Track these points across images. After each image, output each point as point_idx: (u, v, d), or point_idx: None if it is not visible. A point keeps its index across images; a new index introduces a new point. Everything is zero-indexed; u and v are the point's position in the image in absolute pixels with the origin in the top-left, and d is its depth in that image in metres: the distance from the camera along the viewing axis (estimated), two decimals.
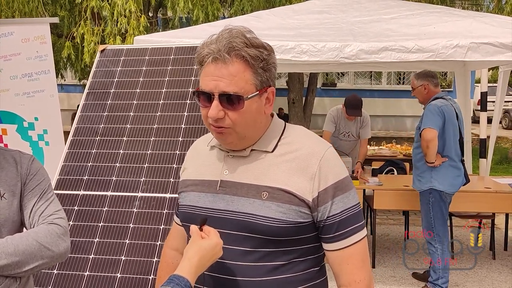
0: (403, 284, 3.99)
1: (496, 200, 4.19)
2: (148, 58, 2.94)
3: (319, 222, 1.18)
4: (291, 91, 10.07)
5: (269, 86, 1.18)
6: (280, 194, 1.15)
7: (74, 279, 2.20)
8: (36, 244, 1.28)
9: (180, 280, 1.03)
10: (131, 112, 2.72)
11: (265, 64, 1.15)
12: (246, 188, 1.18)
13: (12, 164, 1.42)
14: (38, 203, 1.40)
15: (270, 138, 1.22)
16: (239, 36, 1.12)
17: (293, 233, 1.16)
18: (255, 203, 1.15)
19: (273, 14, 4.74)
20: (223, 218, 1.19)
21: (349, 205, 1.18)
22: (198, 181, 1.27)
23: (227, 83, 1.10)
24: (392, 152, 6.35)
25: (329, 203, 1.15)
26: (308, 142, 1.21)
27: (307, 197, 1.14)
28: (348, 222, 1.17)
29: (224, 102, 1.12)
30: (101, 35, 6.41)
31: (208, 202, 1.22)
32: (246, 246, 1.16)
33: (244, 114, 1.13)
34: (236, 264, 1.17)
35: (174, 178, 2.45)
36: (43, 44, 3.59)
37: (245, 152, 1.21)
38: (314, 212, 1.16)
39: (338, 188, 1.16)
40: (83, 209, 2.41)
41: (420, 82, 3.70)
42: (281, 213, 1.14)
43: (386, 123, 13.73)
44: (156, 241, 2.27)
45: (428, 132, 3.48)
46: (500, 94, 5.72)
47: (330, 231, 1.17)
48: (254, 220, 1.14)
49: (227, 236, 1.17)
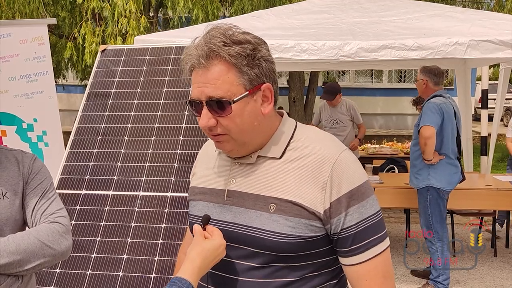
0: (404, 282, 4.00)
1: (497, 198, 4.19)
2: (148, 58, 2.95)
3: (333, 235, 1.07)
4: (292, 90, 10.08)
5: (263, 83, 1.07)
6: (288, 207, 1.05)
7: (77, 278, 2.22)
8: (37, 242, 1.29)
9: (182, 283, 1.01)
10: (132, 112, 2.73)
11: (251, 60, 1.04)
12: (253, 198, 1.10)
13: (14, 163, 1.43)
14: (40, 202, 1.41)
15: (278, 143, 1.12)
16: (217, 36, 1.03)
17: (303, 248, 1.06)
18: (262, 216, 1.07)
19: (273, 13, 4.74)
20: (231, 231, 1.12)
21: (366, 215, 1.06)
22: (206, 189, 1.20)
23: (212, 88, 1.03)
24: (393, 150, 6.35)
25: (343, 214, 1.05)
26: (319, 146, 1.10)
27: (318, 209, 1.04)
28: (366, 234, 1.06)
29: (213, 109, 1.05)
30: (102, 36, 6.43)
31: (215, 213, 1.15)
32: (254, 262, 1.09)
33: (235, 118, 1.04)
34: (244, 280, 1.10)
35: (175, 177, 2.46)
36: (41, 45, 3.60)
37: (251, 159, 1.12)
38: (327, 224, 1.06)
39: (353, 197, 1.05)
40: (85, 208, 2.42)
41: (422, 76, 3.73)
42: (290, 227, 1.04)
43: (387, 121, 13.72)
44: (158, 240, 2.28)
45: (427, 130, 3.49)
46: (501, 92, 5.72)
47: (346, 245, 1.06)
48: (262, 235, 1.06)
49: (233, 250, 1.11)
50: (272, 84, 1.09)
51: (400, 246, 4.86)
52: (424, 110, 3.59)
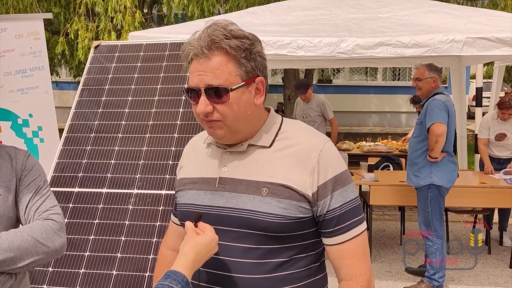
0: (399, 279, 4.00)
1: (491, 195, 4.20)
2: (142, 54, 2.92)
3: (319, 217, 1.17)
4: (286, 88, 10.08)
5: (257, 76, 1.16)
6: (280, 190, 1.14)
7: (70, 277, 2.19)
8: (31, 239, 1.27)
9: (177, 276, 1.02)
10: (126, 109, 2.70)
11: (248, 54, 1.13)
12: (246, 184, 1.16)
13: (7, 160, 1.40)
14: (33, 198, 1.38)
15: (267, 133, 1.20)
16: (219, 29, 1.11)
17: (293, 228, 1.15)
18: (255, 199, 1.14)
19: (269, 10, 4.72)
20: (222, 215, 1.17)
21: (348, 198, 1.17)
22: (196, 179, 1.25)
23: (211, 76, 1.10)
24: (388, 148, 6.35)
25: (329, 197, 1.15)
26: (306, 136, 1.20)
27: (307, 191, 1.14)
28: (348, 216, 1.16)
29: (210, 96, 1.11)
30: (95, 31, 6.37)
31: (207, 199, 1.20)
32: (247, 243, 1.15)
33: (232, 106, 1.12)
34: (237, 261, 1.16)
35: (170, 175, 2.43)
36: (37, 40, 3.56)
37: (242, 147, 1.20)
38: (314, 206, 1.15)
39: (338, 182, 1.15)
40: (78, 206, 2.39)
41: (432, 74, 3.65)
42: (282, 208, 1.13)
43: (382, 119, 13.75)
44: (152, 238, 2.26)
45: (438, 127, 3.44)
46: (495, 90, 5.74)
47: (330, 226, 1.17)
48: (254, 216, 1.13)
49: (227, 233, 1.16)
50: (264, 78, 1.19)
51: (395, 244, 4.87)
52: (431, 107, 3.52)
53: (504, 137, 4.66)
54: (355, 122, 13.34)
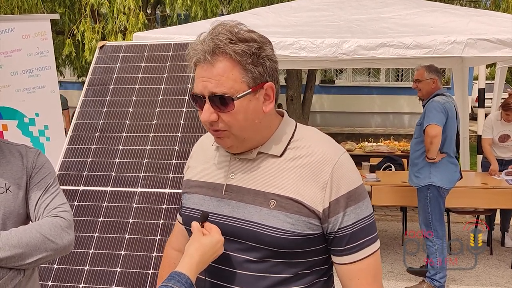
0: (401, 280, 4.02)
1: (493, 196, 4.21)
2: (147, 55, 2.95)
3: (329, 234, 1.09)
4: (289, 88, 10.09)
5: (266, 82, 1.08)
6: (288, 203, 1.07)
7: (74, 274, 2.22)
8: (40, 236, 1.29)
9: (181, 277, 1.01)
10: (130, 108, 2.73)
11: (256, 58, 1.05)
12: (253, 194, 1.10)
13: (18, 158, 1.43)
14: (43, 196, 1.41)
15: (279, 141, 1.13)
16: (224, 33, 1.03)
17: (301, 245, 1.08)
18: (262, 212, 1.08)
19: (271, 11, 4.74)
20: (228, 224, 1.12)
21: (361, 216, 1.09)
22: (203, 183, 1.20)
23: (215, 83, 1.04)
24: (390, 149, 6.36)
25: (341, 214, 1.07)
26: (321, 146, 1.12)
27: (317, 207, 1.06)
28: (360, 234, 1.09)
29: (215, 104, 1.05)
30: (102, 33, 6.41)
31: (212, 206, 1.16)
32: (250, 255, 1.10)
33: (237, 115, 1.05)
34: (239, 273, 1.11)
35: (173, 174, 2.46)
36: (44, 40, 3.60)
37: (251, 154, 1.13)
38: (325, 223, 1.08)
39: (351, 198, 1.08)
40: (83, 204, 2.43)
41: (432, 75, 3.67)
42: (289, 224, 1.06)
43: (384, 120, 13.74)
44: (155, 236, 2.28)
45: (433, 128, 3.47)
46: (498, 91, 5.75)
47: (341, 244, 1.09)
48: (261, 230, 1.07)
49: (230, 243, 1.11)
50: (274, 84, 1.11)
51: (397, 244, 4.89)
52: (429, 109, 3.55)
53: (508, 139, 4.67)
54: (357, 122, 13.34)
